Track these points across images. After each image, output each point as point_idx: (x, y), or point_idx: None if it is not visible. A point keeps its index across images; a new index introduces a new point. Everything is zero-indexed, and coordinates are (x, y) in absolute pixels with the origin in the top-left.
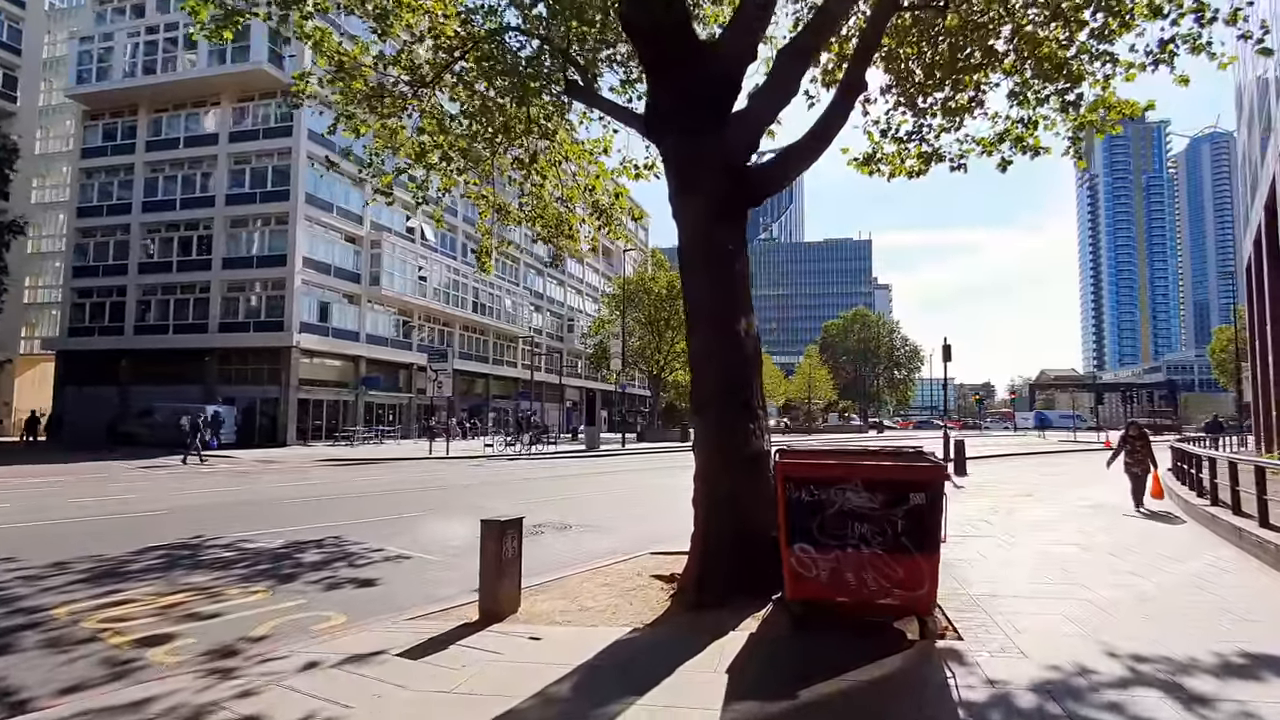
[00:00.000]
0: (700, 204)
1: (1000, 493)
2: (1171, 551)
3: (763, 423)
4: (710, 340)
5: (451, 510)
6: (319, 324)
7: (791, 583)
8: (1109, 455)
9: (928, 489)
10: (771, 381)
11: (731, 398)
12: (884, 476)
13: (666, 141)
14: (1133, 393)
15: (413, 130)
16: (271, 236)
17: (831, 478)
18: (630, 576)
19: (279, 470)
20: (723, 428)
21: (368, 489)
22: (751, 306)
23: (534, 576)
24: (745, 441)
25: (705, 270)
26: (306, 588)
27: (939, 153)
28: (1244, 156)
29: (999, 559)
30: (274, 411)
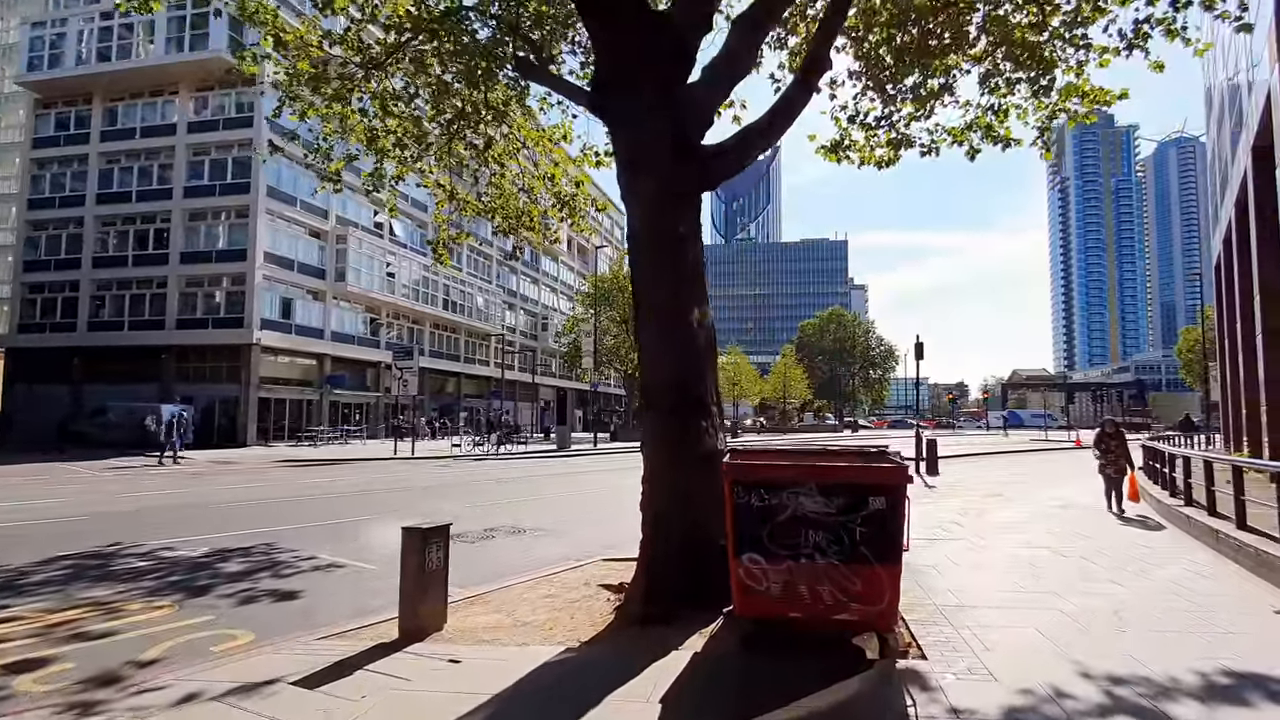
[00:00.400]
0: (649, 184)
1: (971, 493)
2: (1145, 555)
3: (716, 420)
4: (660, 331)
5: (402, 514)
6: (281, 321)
7: (740, 597)
8: (1091, 452)
9: (889, 492)
10: (747, 381)
11: (682, 393)
12: (840, 479)
13: (614, 117)
14: (1103, 392)
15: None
16: (231, 230)
17: (783, 480)
18: (577, 586)
19: (232, 472)
20: (672, 425)
21: (320, 491)
22: (706, 296)
23: (474, 586)
24: (697, 440)
25: (655, 256)
26: (219, 602)
27: (908, 139)
28: (1214, 156)
29: (969, 563)
30: (233, 411)
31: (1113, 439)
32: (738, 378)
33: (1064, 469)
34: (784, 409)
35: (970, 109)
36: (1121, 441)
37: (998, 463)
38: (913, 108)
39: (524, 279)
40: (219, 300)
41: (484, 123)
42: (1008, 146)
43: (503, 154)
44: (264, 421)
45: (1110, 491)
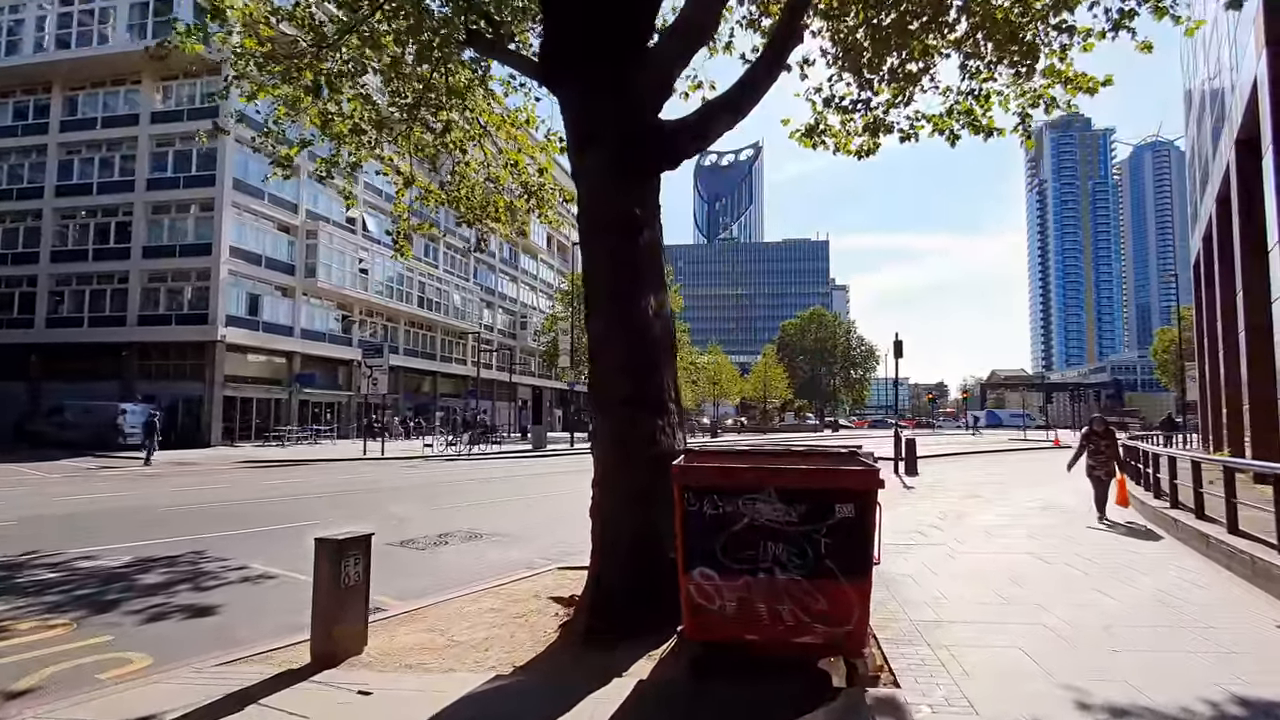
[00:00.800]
0: (602, 159)
1: (950, 494)
2: (1133, 561)
3: (674, 418)
4: (612, 321)
5: (356, 518)
6: (248, 317)
7: (690, 617)
8: (1070, 456)
9: (858, 498)
10: (728, 381)
11: (636, 388)
12: (803, 484)
13: (564, 86)
14: (1080, 392)
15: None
16: (196, 224)
17: (739, 485)
18: (525, 598)
19: (190, 473)
20: (624, 424)
21: (276, 494)
22: (663, 283)
23: (414, 599)
24: (651, 440)
25: (607, 239)
26: (124, 619)
27: (886, 124)
28: (1193, 154)
29: (947, 573)
30: (197, 410)
31: (1103, 438)
32: (718, 377)
33: (1043, 469)
34: (765, 409)
35: (951, 95)
36: (1113, 442)
37: (977, 463)
38: (890, 94)
39: (503, 277)
40: (183, 296)
41: (444, 108)
42: (990, 136)
43: (463, 139)
44: (230, 421)
45: (1100, 496)
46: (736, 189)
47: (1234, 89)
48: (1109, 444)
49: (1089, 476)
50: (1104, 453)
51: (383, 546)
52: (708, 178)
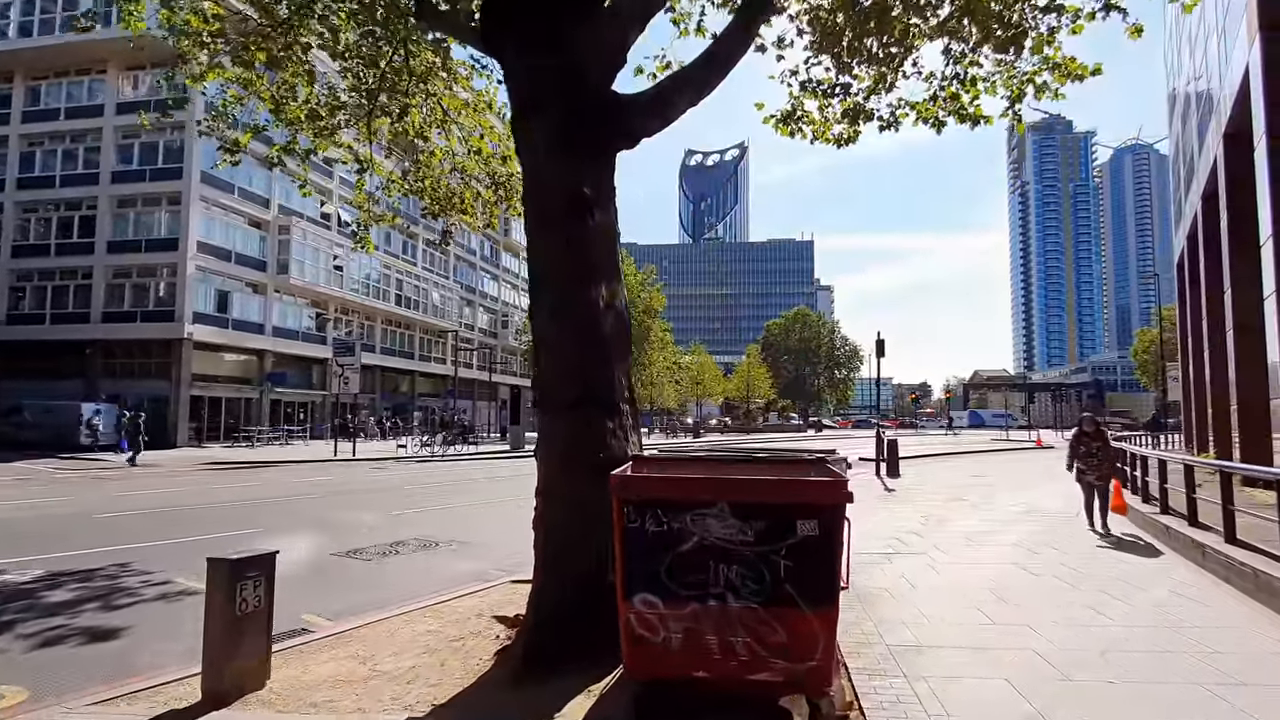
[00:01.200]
0: (546, 131)
1: (933, 497)
2: (1124, 573)
3: (627, 421)
4: (559, 314)
5: (306, 526)
6: (217, 315)
7: (630, 650)
8: (1066, 457)
9: (823, 514)
10: (711, 381)
11: (584, 387)
12: (760, 497)
13: (504, 48)
14: (1062, 392)
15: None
16: (163, 218)
17: (687, 499)
18: (468, 618)
19: (147, 475)
20: (571, 427)
21: (229, 498)
22: (618, 272)
23: (347, 618)
24: (600, 445)
25: (552, 222)
26: (12, 644)
27: (867, 111)
28: (1177, 151)
29: (927, 586)
30: (164, 410)
31: (1094, 440)
32: (701, 377)
33: (1026, 470)
34: (748, 409)
35: (934, 81)
36: (1105, 443)
37: (960, 464)
38: (871, 80)
39: (483, 275)
40: (149, 292)
41: (405, 92)
42: (976, 124)
43: (424, 125)
44: (198, 421)
45: (1091, 503)
46: (722, 189)
47: (1222, 82)
48: (1101, 446)
49: (1079, 481)
50: (1095, 455)
51: (327, 557)
52: (693, 177)
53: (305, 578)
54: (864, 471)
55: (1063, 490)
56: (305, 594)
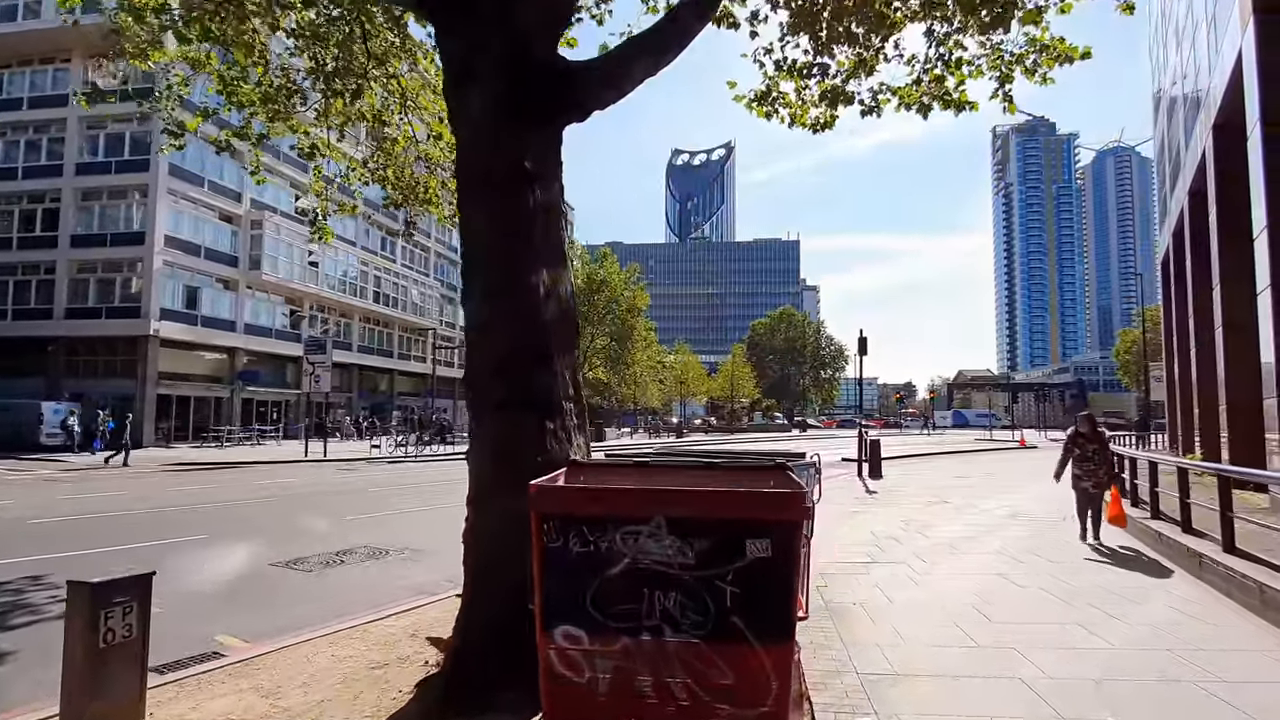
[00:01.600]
0: (482, 95)
1: (915, 500)
2: (1116, 586)
3: (571, 421)
4: (493, 302)
5: (253, 530)
6: (186, 311)
7: (550, 692)
8: (1056, 463)
9: (776, 532)
10: (695, 380)
11: (520, 385)
12: (702, 512)
13: (438, 12)
14: (1045, 392)
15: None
16: (129, 211)
17: (617, 514)
18: (399, 639)
19: (104, 478)
20: (505, 428)
21: (181, 502)
22: (563, 256)
23: (265, 640)
24: (536, 448)
25: (487, 197)
26: None
27: (846, 94)
28: (1162, 148)
29: (905, 600)
30: (129, 409)
31: (1091, 442)
32: (685, 376)
33: (1010, 470)
34: (733, 409)
35: (917, 65)
36: (1104, 447)
37: (943, 464)
38: (850, 63)
39: None
40: (114, 288)
41: (363, 74)
42: (961, 110)
43: (382, 108)
44: (164, 421)
45: (1085, 513)
46: (709, 189)
47: (1212, 72)
48: (1099, 449)
49: (1075, 489)
50: (1092, 460)
51: (264, 568)
52: (680, 177)
53: (233, 591)
54: (846, 472)
55: (1047, 493)
56: (228, 610)
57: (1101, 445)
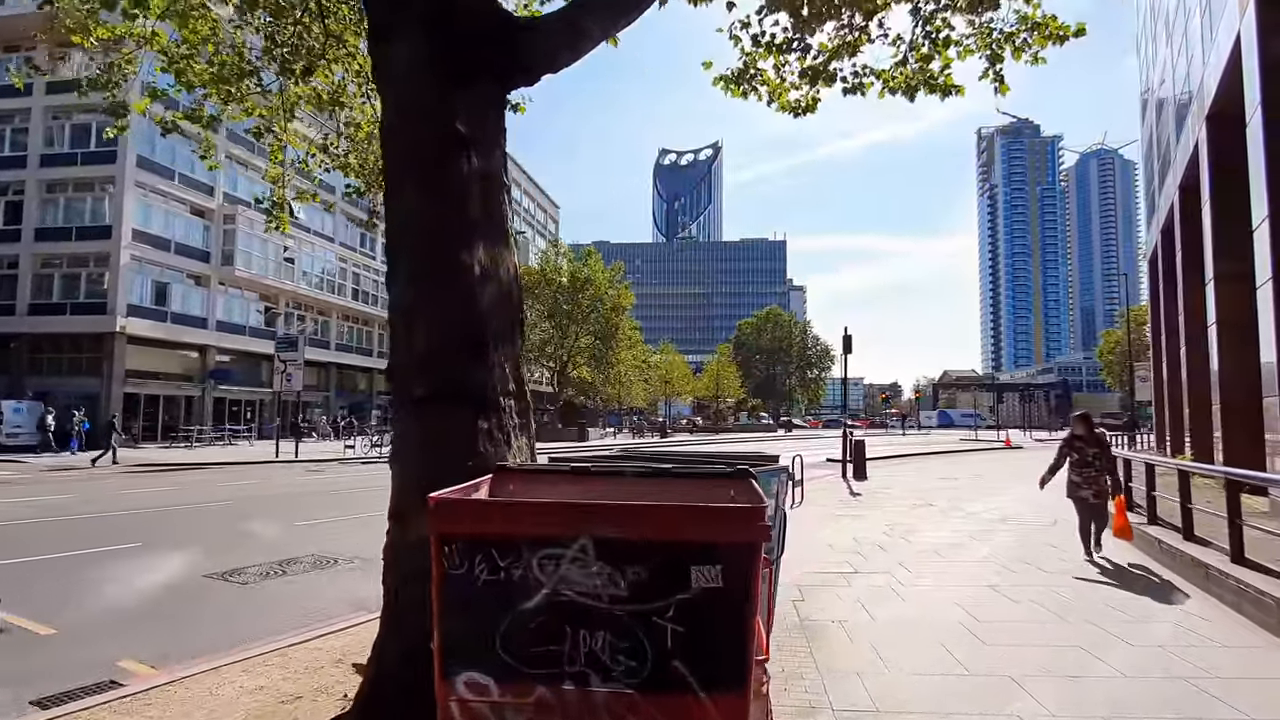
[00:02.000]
0: (411, 50)
1: (899, 502)
2: (1116, 600)
3: (509, 419)
4: (418, 282)
5: (196, 537)
6: (155, 307)
7: None
8: (1044, 470)
9: (728, 557)
10: (680, 380)
11: (450, 377)
12: (637, 532)
13: None
14: (1030, 392)
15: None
16: (95, 204)
17: (533, 534)
18: (321, 665)
19: (59, 479)
20: (428, 427)
21: (129, 505)
22: (506, 235)
23: (175, 665)
24: (466, 451)
25: (415, 165)
26: None
27: (829, 71)
28: (1150, 145)
29: (888, 617)
30: (94, 408)
31: (1090, 445)
32: (670, 376)
33: (996, 471)
34: (718, 409)
35: (902, 45)
36: (1104, 450)
37: (929, 465)
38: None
39: None
40: (79, 283)
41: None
42: (948, 95)
43: (339, 88)
44: (132, 420)
45: (1088, 528)
46: (696, 188)
47: (1206, 61)
48: (1100, 453)
49: (1072, 498)
50: (1093, 465)
51: (197, 580)
52: (667, 177)
53: (154, 607)
54: (830, 473)
55: (1034, 495)
56: (142, 630)
57: (1102, 449)
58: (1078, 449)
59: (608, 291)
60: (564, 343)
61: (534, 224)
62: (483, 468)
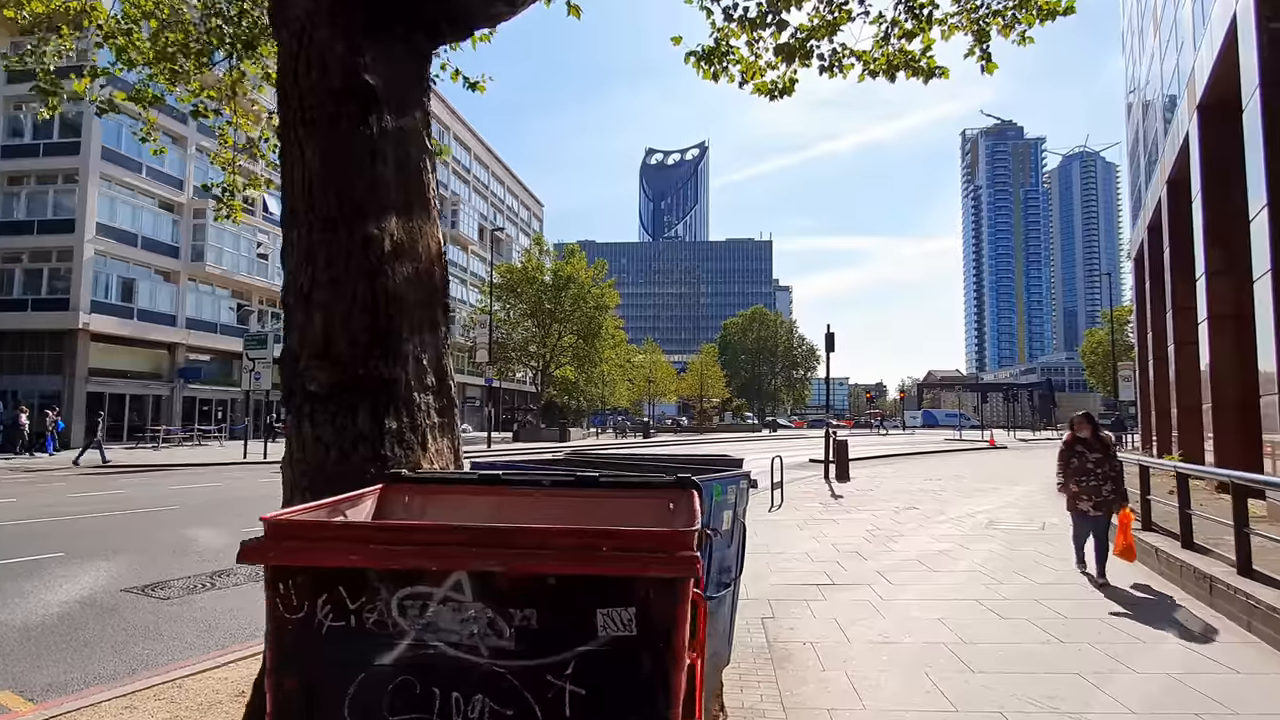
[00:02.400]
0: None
1: (883, 505)
2: (1113, 616)
3: (426, 420)
4: (315, 257)
5: (127, 546)
6: (120, 304)
7: None
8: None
9: (645, 596)
10: (664, 379)
11: (348, 367)
12: (526, 564)
13: None
14: (1013, 392)
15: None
16: (58, 197)
17: (390, 568)
18: (219, 700)
19: (6, 483)
20: (321, 426)
21: (74, 511)
22: (427, 206)
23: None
24: (367, 455)
25: (312, 121)
26: None
27: (806, 48)
28: (1136, 140)
29: (869, 639)
30: (55, 406)
31: (1092, 450)
32: (654, 375)
33: (980, 472)
34: (702, 409)
35: (884, 22)
36: (1108, 454)
37: (913, 466)
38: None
39: None
40: (40, 278)
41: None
42: (930, 77)
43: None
44: (95, 419)
45: (1085, 540)
46: (682, 188)
47: (1197, 48)
48: (1103, 458)
49: (1071, 511)
50: (1094, 473)
51: (115, 595)
52: (653, 176)
53: (55, 627)
54: (813, 474)
55: (1021, 497)
56: (34, 654)
57: (1106, 454)
58: (1078, 454)
59: (591, 290)
60: (546, 341)
61: (518, 222)
62: (387, 476)
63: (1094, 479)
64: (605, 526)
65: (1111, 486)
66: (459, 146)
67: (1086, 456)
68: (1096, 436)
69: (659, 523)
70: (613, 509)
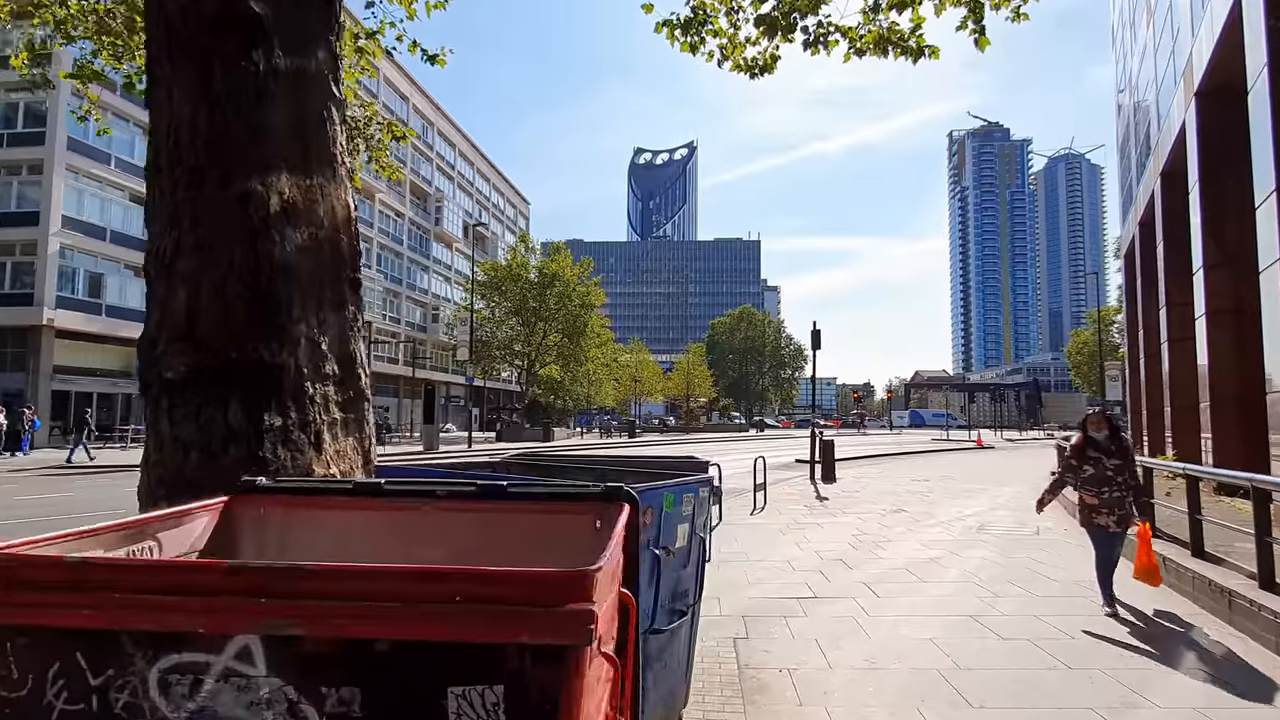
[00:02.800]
0: None
1: (870, 508)
2: (1125, 637)
3: (321, 415)
4: (184, 219)
5: None
6: (88, 299)
7: None
8: (1045, 487)
9: (517, 670)
10: (650, 378)
11: (214, 350)
12: (343, 625)
13: None
14: (1000, 392)
15: None
16: (20, 189)
17: (149, 627)
18: None
19: None
20: (184, 421)
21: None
22: (329, 160)
23: None
24: (240, 456)
25: (184, 56)
26: None
27: (788, 20)
28: (1127, 134)
29: (849, 664)
30: (17, 405)
31: (1111, 455)
32: (640, 374)
33: (969, 473)
34: (689, 408)
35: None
36: (1127, 459)
37: (900, 466)
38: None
39: (412, 266)
40: (3, 273)
41: None
42: (919, 57)
43: None
44: (61, 419)
45: (1111, 569)
46: (671, 188)
47: (1195, 33)
48: (1121, 464)
49: (1086, 526)
50: (1113, 481)
51: None
52: (642, 176)
53: None
54: (799, 475)
55: (1011, 499)
56: None
57: (1125, 460)
58: (1090, 459)
59: (576, 288)
60: (531, 340)
61: (503, 220)
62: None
63: (1116, 489)
64: (463, 567)
65: (1132, 498)
66: (443, 142)
67: (1104, 463)
68: (1116, 437)
69: (581, 546)
70: (523, 528)
